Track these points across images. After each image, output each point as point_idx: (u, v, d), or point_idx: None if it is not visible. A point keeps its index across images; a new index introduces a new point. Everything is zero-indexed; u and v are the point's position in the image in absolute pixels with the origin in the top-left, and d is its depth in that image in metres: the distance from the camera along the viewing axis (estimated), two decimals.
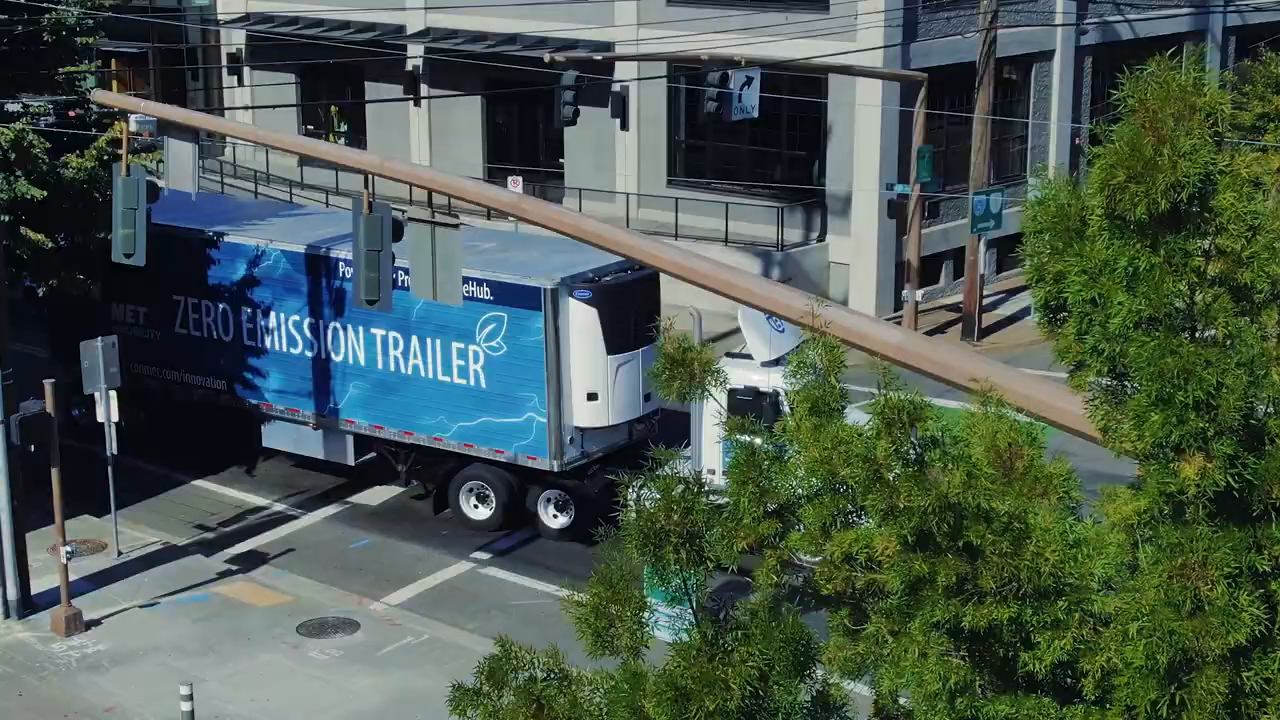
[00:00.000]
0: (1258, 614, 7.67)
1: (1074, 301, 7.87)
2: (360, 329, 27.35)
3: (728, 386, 25.14)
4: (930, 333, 36.19)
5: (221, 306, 28.93)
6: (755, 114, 34.54)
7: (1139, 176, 6.67)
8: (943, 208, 39.45)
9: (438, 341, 26.59)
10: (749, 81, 33.98)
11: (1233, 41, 47.46)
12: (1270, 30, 47.54)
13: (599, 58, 38.42)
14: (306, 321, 28.02)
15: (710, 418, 25.56)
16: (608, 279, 25.95)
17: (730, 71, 34.03)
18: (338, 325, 27.70)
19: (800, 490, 8.97)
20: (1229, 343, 7.72)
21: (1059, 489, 8.17)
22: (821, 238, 39.35)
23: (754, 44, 36.30)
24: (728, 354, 25.26)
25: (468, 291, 24.76)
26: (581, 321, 25.59)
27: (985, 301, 38.05)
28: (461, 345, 26.33)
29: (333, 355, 27.82)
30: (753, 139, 40.02)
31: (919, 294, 36.97)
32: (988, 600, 7.95)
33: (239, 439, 29.62)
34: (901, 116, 37.17)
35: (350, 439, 28.18)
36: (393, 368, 27.19)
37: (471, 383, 26.42)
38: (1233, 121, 44.64)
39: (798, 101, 38.43)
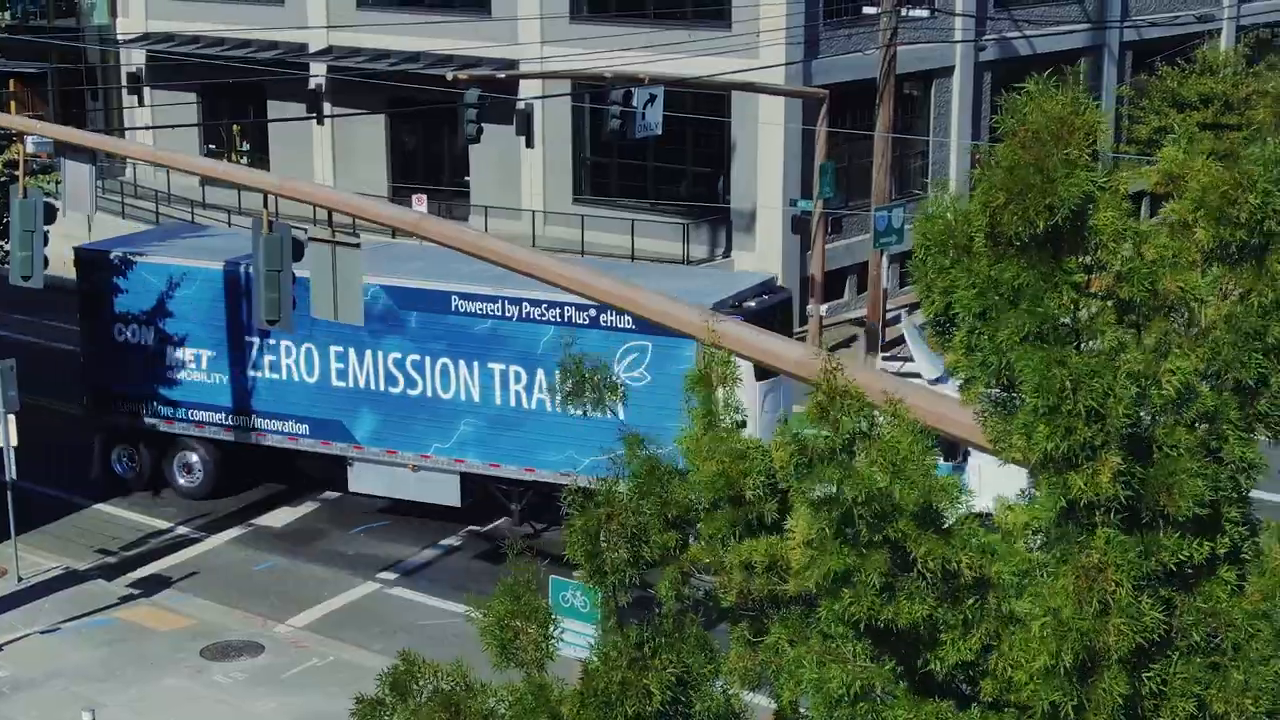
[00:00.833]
0: (1159, 617, 7.93)
1: (962, 316, 8.11)
2: (476, 364, 26.42)
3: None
4: (834, 347, 36.59)
5: (305, 346, 27.74)
6: (659, 131, 34.79)
7: (1017, 198, 6.91)
8: (846, 223, 39.90)
9: None
10: (652, 99, 34.23)
11: (1129, 56, 48.37)
12: (1166, 45, 48.53)
13: (503, 75, 38.53)
14: (410, 358, 26.99)
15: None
16: (751, 304, 25.69)
17: (634, 89, 34.27)
18: (448, 361, 26.67)
19: (700, 502, 9.14)
20: (1115, 354, 8.00)
21: (952, 498, 8.40)
22: (727, 254, 39.67)
23: (657, 61, 36.59)
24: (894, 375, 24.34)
25: (606, 321, 24.80)
26: None
27: (888, 315, 38.51)
28: None
29: (441, 392, 26.83)
30: (658, 156, 40.30)
31: (823, 309, 37.36)
32: (899, 597, 8.11)
33: (304, 483, 29.55)
34: (804, 133, 37.58)
35: (457, 479, 27.26)
36: (513, 403, 26.33)
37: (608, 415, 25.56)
38: (1129, 135, 45.48)
39: (702, 119, 38.76)
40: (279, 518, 28.96)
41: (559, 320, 25.57)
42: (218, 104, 47.44)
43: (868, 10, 37.95)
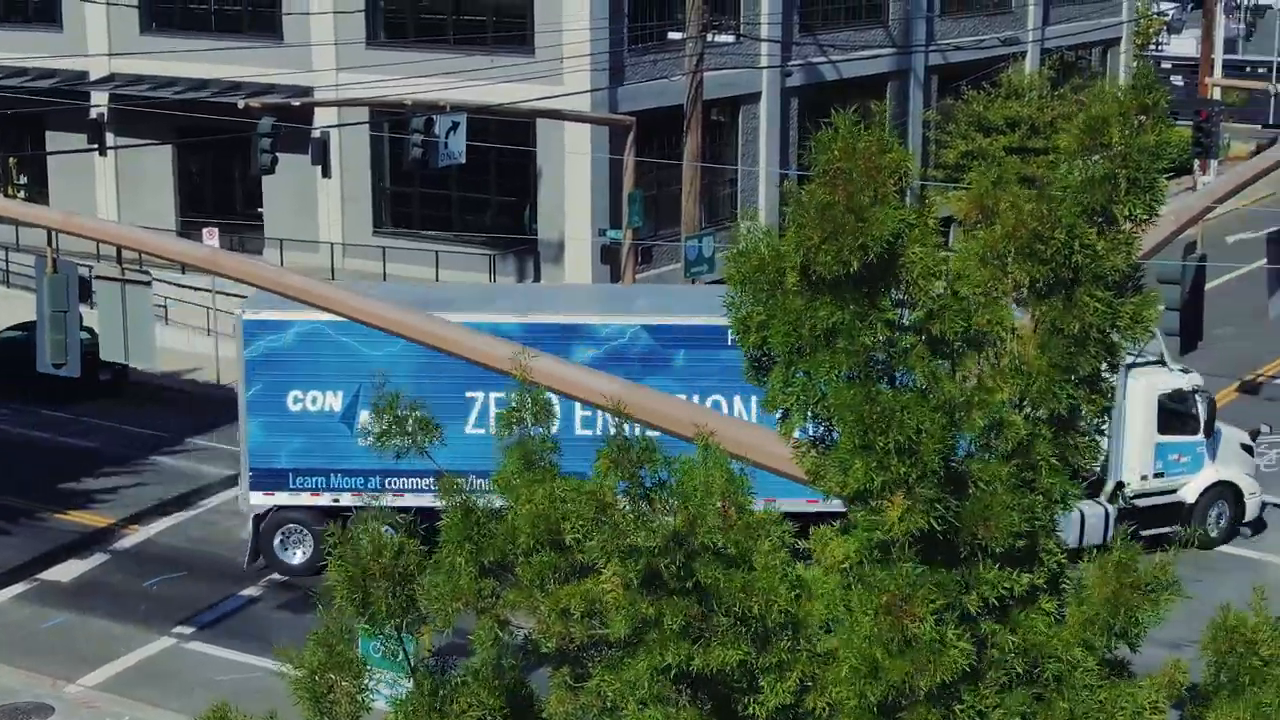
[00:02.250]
0: (966, 648, 8.19)
1: (778, 352, 8.33)
2: (737, 397, 26.18)
3: (1157, 393, 26.38)
4: None
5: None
6: (462, 160, 34.85)
7: (831, 238, 7.15)
8: (656, 253, 40.32)
9: None
10: (455, 127, 34.29)
11: (935, 81, 49.68)
12: (971, 69, 49.95)
13: (297, 103, 38.25)
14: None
15: (1140, 422, 27.05)
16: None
17: (435, 116, 34.28)
18: (719, 398, 26.31)
19: (517, 547, 9.19)
20: (927, 389, 8.28)
21: (772, 534, 8.59)
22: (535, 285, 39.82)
23: (459, 88, 36.64)
24: (1133, 364, 26.18)
25: None
26: None
27: None
28: None
29: None
30: (461, 185, 40.31)
31: None
32: (714, 643, 8.27)
33: None
34: (612, 161, 37.92)
35: None
36: None
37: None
38: (937, 160, 46.70)
39: (507, 147, 38.88)
40: (68, 571, 28.29)
41: None
42: None
43: (673, 36, 38.49)
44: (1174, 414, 27.70)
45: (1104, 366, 8.28)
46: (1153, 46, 67.88)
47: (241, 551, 27.63)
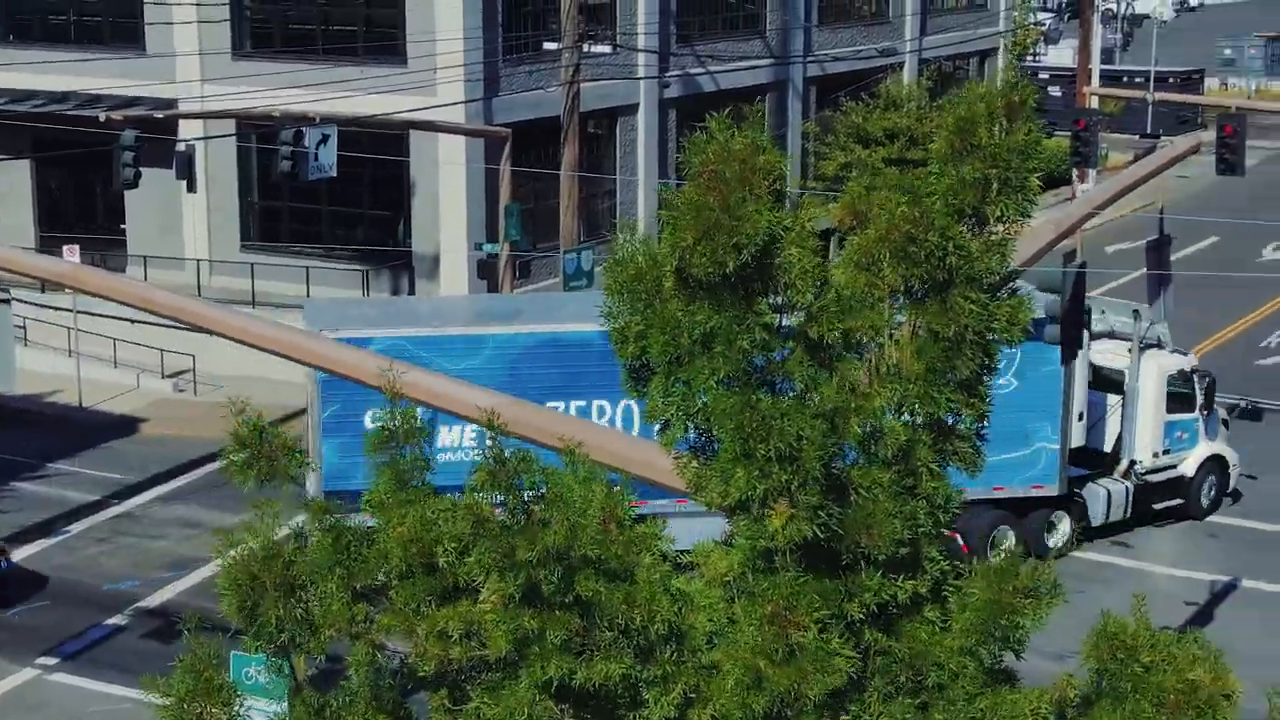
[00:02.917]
0: (851, 656, 8.27)
1: (657, 361, 8.36)
2: None
3: (1166, 374, 28.76)
4: None
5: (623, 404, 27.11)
6: (333, 173, 34.58)
7: (705, 237, 7.20)
8: (534, 267, 40.28)
9: None
10: (325, 139, 34.02)
11: (813, 91, 50.13)
12: (850, 80, 50.49)
13: (160, 116, 37.75)
14: None
15: (1152, 402, 29.63)
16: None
17: (305, 129, 34.01)
18: None
19: (391, 571, 9.10)
20: (806, 395, 8.35)
21: (651, 547, 8.62)
22: None
23: (329, 99, 36.38)
24: (1145, 347, 29.23)
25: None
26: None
27: None
28: None
29: None
30: (333, 199, 40.01)
31: None
32: (597, 657, 8.27)
33: None
34: (488, 173, 37.85)
35: None
36: None
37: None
38: (816, 172, 47.15)
39: (379, 159, 38.66)
40: None
41: None
42: None
43: (549, 46, 38.51)
44: (1177, 393, 30.18)
45: (982, 369, 8.40)
46: (1030, 57, 68.93)
47: (109, 579, 27.25)
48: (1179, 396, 30.24)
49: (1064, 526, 29.19)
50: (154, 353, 37.50)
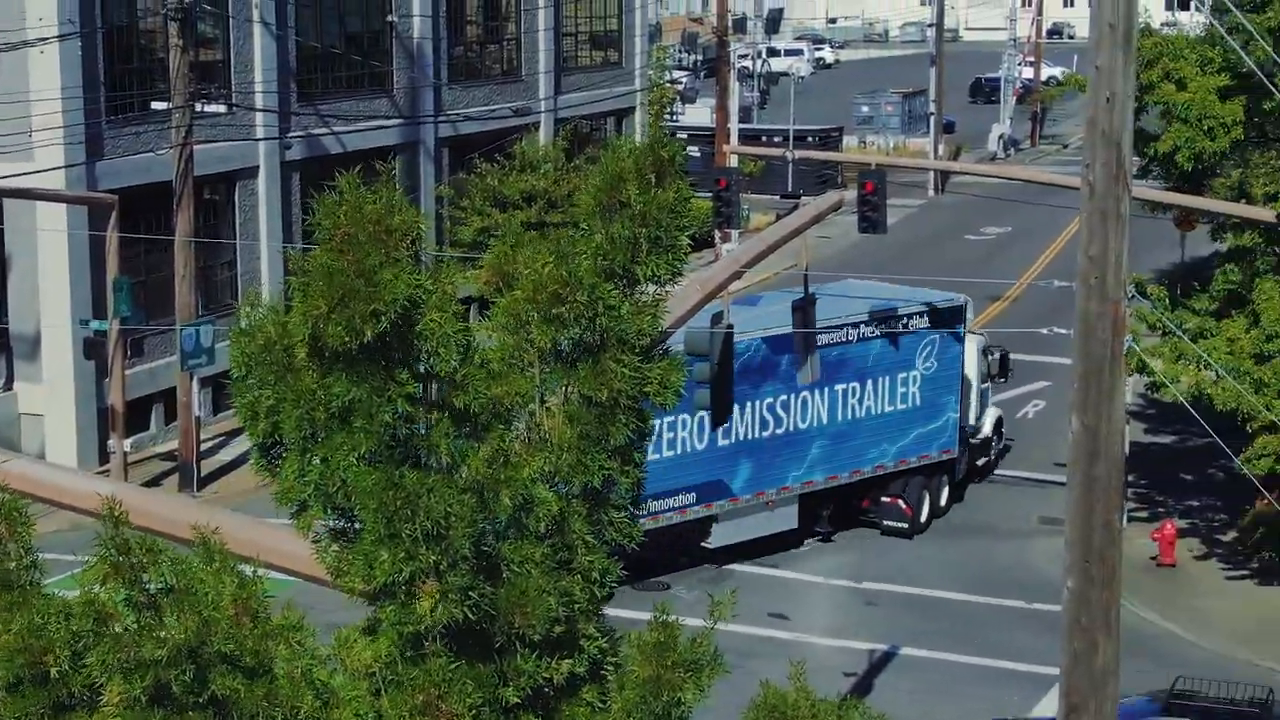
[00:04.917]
0: None
1: (291, 439, 8.23)
2: (825, 390, 32.64)
3: (981, 346, 37.85)
4: (146, 485, 35.83)
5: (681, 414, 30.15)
6: None
7: (340, 305, 7.13)
8: (148, 344, 39.29)
9: (886, 379, 33.62)
10: None
11: (446, 153, 50.34)
12: (484, 140, 50.87)
13: None
14: (780, 400, 32.29)
15: (975, 376, 36.48)
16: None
17: None
18: (807, 394, 32.43)
19: None
20: (454, 468, 8.34)
21: (290, 640, 8.47)
22: (9, 386, 38.16)
23: None
24: (973, 332, 37.16)
25: (913, 326, 34.19)
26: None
27: (204, 447, 38.11)
28: (905, 374, 33.99)
29: (799, 424, 32.58)
30: None
31: (128, 443, 36.55)
32: None
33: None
34: (94, 244, 36.79)
35: (797, 502, 32.85)
36: (850, 416, 33.28)
37: (909, 405, 34.15)
38: (452, 237, 47.26)
39: None
40: None
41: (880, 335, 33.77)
42: None
43: (157, 105, 37.74)
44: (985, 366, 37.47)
45: (636, 434, 8.52)
46: (668, 116, 70.67)
47: None
48: (984, 370, 37.14)
49: (946, 486, 35.69)
50: None
